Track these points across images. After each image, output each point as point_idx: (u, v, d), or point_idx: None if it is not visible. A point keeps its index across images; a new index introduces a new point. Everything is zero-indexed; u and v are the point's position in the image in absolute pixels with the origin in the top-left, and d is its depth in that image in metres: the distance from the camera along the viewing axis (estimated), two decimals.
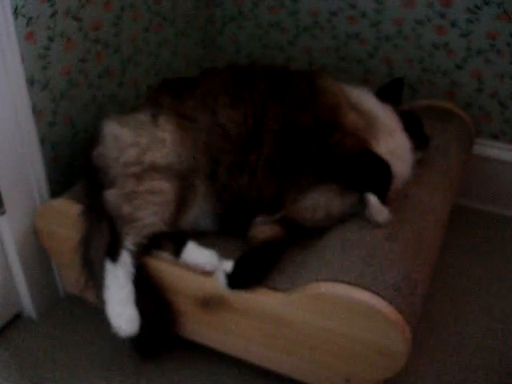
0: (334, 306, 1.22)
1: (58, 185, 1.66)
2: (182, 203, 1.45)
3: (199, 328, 1.46)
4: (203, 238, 1.44)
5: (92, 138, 1.54)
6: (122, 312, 1.35)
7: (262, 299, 1.31)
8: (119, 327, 1.35)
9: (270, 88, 1.55)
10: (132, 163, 1.45)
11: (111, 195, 1.44)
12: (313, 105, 1.51)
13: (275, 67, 1.65)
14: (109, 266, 1.38)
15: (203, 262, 1.36)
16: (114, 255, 1.38)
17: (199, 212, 1.50)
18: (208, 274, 1.36)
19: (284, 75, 1.59)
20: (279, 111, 1.50)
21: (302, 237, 1.46)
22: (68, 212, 1.51)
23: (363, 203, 1.37)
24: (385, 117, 1.55)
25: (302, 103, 1.51)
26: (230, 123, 1.49)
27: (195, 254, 1.38)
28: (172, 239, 1.42)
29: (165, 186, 1.43)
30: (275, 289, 1.33)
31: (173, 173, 1.44)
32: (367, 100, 1.58)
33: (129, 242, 1.39)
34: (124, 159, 1.45)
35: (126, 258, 1.38)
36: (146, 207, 1.41)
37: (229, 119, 1.50)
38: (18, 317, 1.72)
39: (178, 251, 1.39)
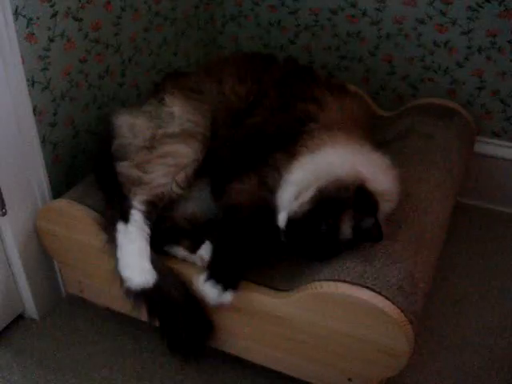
0: (336, 306, 1.22)
1: (60, 185, 1.66)
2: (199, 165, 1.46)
3: None
4: None
5: (102, 138, 1.57)
6: (133, 263, 1.34)
7: (264, 299, 1.31)
8: (130, 278, 1.33)
9: (282, 79, 1.57)
10: (146, 140, 1.47)
11: (123, 166, 1.46)
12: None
13: (300, 64, 1.69)
14: (120, 227, 1.39)
15: None
16: (125, 216, 1.39)
17: (204, 183, 1.50)
18: None
19: (304, 76, 1.61)
20: (279, 100, 1.52)
21: None
22: (69, 212, 1.51)
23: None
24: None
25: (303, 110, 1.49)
26: (233, 95, 1.51)
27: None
28: (190, 237, 1.42)
29: (180, 148, 1.44)
30: (277, 289, 1.33)
31: (189, 135, 1.45)
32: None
33: (137, 202, 1.39)
34: (138, 141, 1.48)
35: (136, 216, 1.38)
36: (156, 169, 1.42)
37: (233, 91, 1.52)
38: (20, 317, 1.71)
39: (194, 248, 1.39)
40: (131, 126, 1.51)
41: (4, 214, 1.48)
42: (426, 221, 1.45)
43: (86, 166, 1.72)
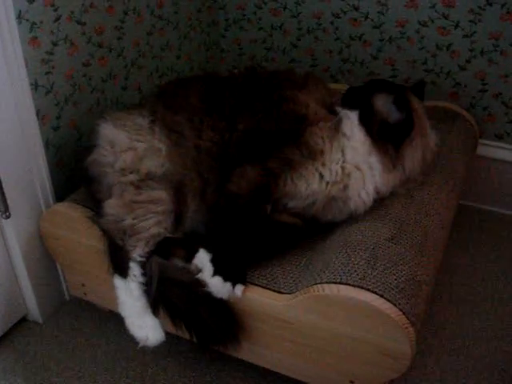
0: (338, 308, 1.22)
1: (63, 189, 1.67)
2: (177, 214, 1.43)
3: None
4: None
5: (88, 145, 1.53)
6: (144, 323, 1.35)
7: (266, 301, 1.31)
8: (146, 338, 1.34)
9: (240, 100, 1.53)
10: (128, 170, 1.44)
11: (111, 206, 1.42)
12: (278, 113, 1.49)
13: (249, 75, 1.66)
14: (119, 283, 1.38)
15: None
16: (122, 270, 1.38)
17: (193, 223, 1.48)
18: None
19: (254, 85, 1.58)
20: (249, 121, 1.49)
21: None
22: (72, 216, 1.52)
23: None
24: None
25: (268, 112, 1.49)
26: (211, 144, 1.48)
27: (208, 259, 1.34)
28: (182, 245, 1.41)
29: (163, 195, 1.41)
30: (279, 291, 1.33)
31: (167, 183, 1.43)
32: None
33: (137, 254, 1.37)
34: (120, 164, 1.44)
35: (135, 270, 1.37)
36: (149, 217, 1.39)
37: (210, 140, 1.48)
38: (23, 320, 1.72)
39: (188, 257, 1.37)
40: (112, 142, 1.47)
41: (8, 217, 1.49)
42: (428, 223, 1.45)
43: None
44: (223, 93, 1.56)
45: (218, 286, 1.29)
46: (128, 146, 1.46)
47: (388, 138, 1.42)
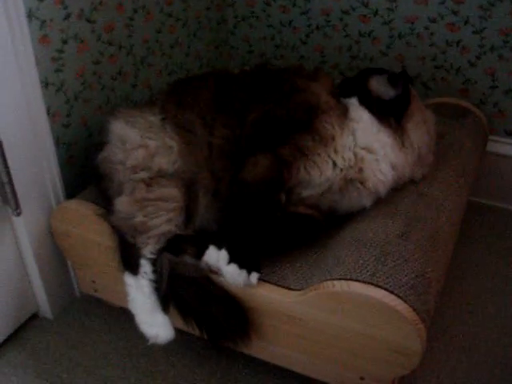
0: (349, 305, 1.22)
1: (73, 186, 1.67)
2: (188, 212, 1.43)
3: None
4: None
5: (99, 142, 1.54)
6: (154, 320, 1.35)
7: (277, 298, 1.31)
8: (156, 336, 1.35)
9: (251, 95, 1.53)
10: (139, 167, 1.43)
11: (122, 204, 1.41)
12: (289, 103, 1.49)
13: (258, 71, 1.66)
14: (130, 280, 1.38)
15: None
16: (133, 267, 1.38)
17: (204, 220, 1.48)
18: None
19: (265, 80, 1.58)
20: (260, 111, 1.48)
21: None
22: (83, 213, 1.52)
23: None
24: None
25: (279, 101, 1.49)
26: (223, 141, 1.48)
27: (218, 255, 1.34)
28: (192, 242, 1.40)
29: (175, 193, 1.41)
30: (290, 288, 1.33)
31: (179, 180, 1.43)
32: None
33: (148, 252, 1.38)
34: (131, 162, 1.44)
35: (146, 267, 1.37)
36: (160, 215, 1.39)
37: (222, 137, 1.48)
38: (34, 317, 1.73)
39: (199, 254, 1.37)
40: (123, 140, 1.47)
41: (19, 214, 1.49)
42: (438, 220, 1.44)
43: None
44: (234, 89, 1.55)
45: (233, 273, 1.30)
46: (139, 143, 1.46)
47: (388, 112, 1.45)
